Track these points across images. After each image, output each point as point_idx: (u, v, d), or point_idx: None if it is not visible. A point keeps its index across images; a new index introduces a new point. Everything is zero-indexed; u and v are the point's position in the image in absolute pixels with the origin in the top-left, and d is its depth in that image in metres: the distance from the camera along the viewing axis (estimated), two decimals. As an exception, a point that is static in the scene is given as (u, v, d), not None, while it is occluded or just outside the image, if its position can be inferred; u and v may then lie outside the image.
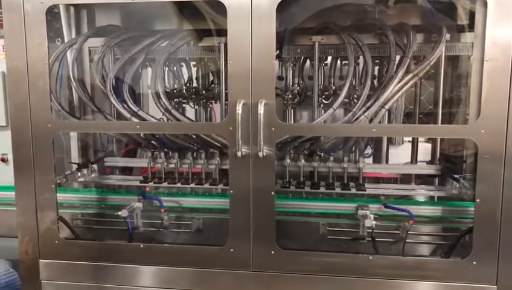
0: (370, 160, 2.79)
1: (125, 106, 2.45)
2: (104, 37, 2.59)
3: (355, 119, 2.21)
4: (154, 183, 2.69)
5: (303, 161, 2.59)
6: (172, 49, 2.47)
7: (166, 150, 2.70)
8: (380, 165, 2.75)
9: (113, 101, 2.44)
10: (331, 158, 2.59)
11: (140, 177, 2.79)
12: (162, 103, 2.47)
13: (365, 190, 2.50)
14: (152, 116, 2.42)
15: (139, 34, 2.58)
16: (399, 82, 2.17)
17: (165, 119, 2.45)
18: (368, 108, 2.20)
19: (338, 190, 2.54)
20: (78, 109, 2.81)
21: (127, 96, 2.45)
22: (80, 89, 2.60)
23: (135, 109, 2.42)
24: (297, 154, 2.60)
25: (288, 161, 2.59)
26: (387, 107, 2.21)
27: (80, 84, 2.61)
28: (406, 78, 2.18)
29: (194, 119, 2.74)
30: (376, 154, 2.83)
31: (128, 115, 2.41)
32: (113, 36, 2.57)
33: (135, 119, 2.39)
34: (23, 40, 2.19)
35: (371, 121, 2.22)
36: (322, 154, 2.61)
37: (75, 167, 2.80)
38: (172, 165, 2.71)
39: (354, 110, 2.22)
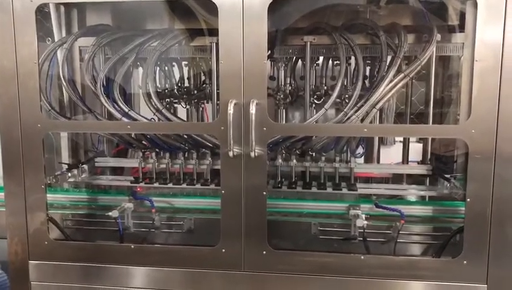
0: (361, 160, 2.80)
1: (116, 106, 2.43)
2: (94, 36, 2.57)
3: (347, 119, 2.21)
4: (145, 183, 2.67)
5: (295, 161, 2.58)
6: (164, 49, 2.45)
7: (157, 150, 2.69)
8: (371, 165, 2.76)
9: (103, 101, 2.42)
10: (323, 158, 2.59)
11: (131, 178, 2.77)
12: (152, 102, 2.45)
13: (357, 190, 2.50)
14: (143, 117, 2.41)
15: (130, 34, 2.56)
16: (390, 82, 2.18)
17: (156, 119, 2.44)
18: (359, 108, 2.20)
19: (330, 189, 2.54)
20: (68, 109, 2.79)
21: (117, 96, 2.43)
22: (70, 89, 2.58)
23: (126, 109, 2.41)
24: (289, 154, 2.60)
25: (280, 161, 2.59)
26: (378, 107, 2.21)
27: (69, 84, 2.59)
28: (397, 78, 2.18)
29: (185, 120, 2.73)
30: (367, 155, 2.84)
31: (118, 115, 2.38)
32: (104, 36, 2.55)
33: (126, 120, 2.37)
34: (13, 39, 2.17)
35: (362, 120, 2.22)
36: (314, 154, 2.60)
37: (65, 167, 2.77)
38: (164, 165, 2.69)
39: (345, 110, 2.22)
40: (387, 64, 2.25)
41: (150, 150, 2.69)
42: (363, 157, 2.79)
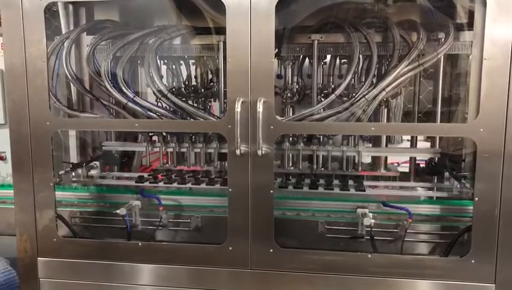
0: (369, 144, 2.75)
1: (122, 93, 2.45)
2: (101, 31, 2.58)
3: (356, 102, 2.21)
4: (150, 183, 2.67)
5: (302, 144, 2.56)
6: (168, 37, 2.46)
7: (164, 133, 2.69)
8: (379, 149, 2.68)
9: (108, 86, 2.42)
10: (330, 141, 2.57)
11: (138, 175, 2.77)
12: (156, 86, 2.45)
13: (364, 190, 2.48)
14: (149, 102, 2.43)
15: (136, 31, 2.56)
16: (403, 69, 2.17)
17: (161, 104, 2.47)
18: (369, 92, 2.20)
19: (337, 186, 2.53)
20: (76, 107, 2.80)
21: (121, 80, 2.44)
22: (77, 81, 2.59)
23: (131, 95, 2.42)
24: (296, 138, 2.58)
25: (287, 144, 2.56)
26: (387, 90, 2.19)
27: (76, 77, 2.60)
28: (410, 66, 2.17)
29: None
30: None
31: (124, 100, 2.41)
32: (110, 30, 2.57)
33: (132, 105, 2.41)
34: (22, 37, 2.18)
35: (369, 105, 2.23)
36: (321, 137, 2.58)
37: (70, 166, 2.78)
38: (171, 149, 2.70)
39: (356, 96, 2.22)
40: (399, 56, 2.25)
41: (157, 133, 2.69)
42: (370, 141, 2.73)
